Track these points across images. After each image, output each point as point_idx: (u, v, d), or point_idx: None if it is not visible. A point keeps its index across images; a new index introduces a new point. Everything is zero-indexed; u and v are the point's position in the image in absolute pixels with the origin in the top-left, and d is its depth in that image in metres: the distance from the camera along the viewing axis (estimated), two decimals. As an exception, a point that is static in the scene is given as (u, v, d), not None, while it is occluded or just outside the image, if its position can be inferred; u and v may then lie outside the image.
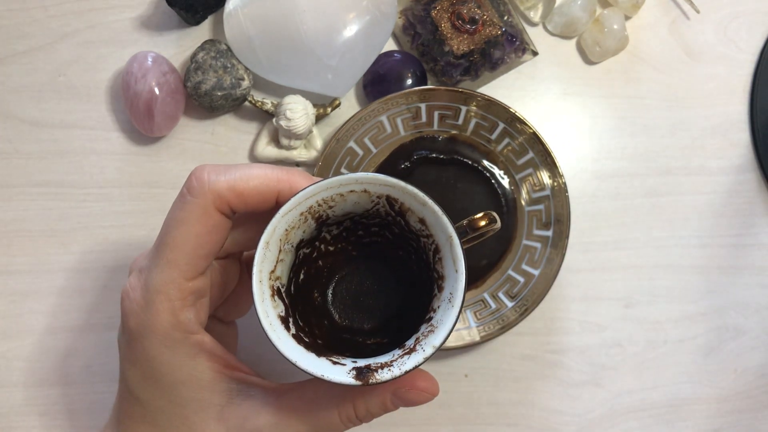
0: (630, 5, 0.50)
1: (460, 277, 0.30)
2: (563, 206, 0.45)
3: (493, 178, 0.47)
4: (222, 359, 0.32)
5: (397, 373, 0.29)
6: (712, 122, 0.50)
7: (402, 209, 0.32)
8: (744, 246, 0.49)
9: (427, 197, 0.31)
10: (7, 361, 0.45)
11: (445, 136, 0.47)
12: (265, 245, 0.30)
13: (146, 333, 0.31)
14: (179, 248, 0.31)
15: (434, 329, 0.30)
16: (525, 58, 0.50)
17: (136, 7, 0.50)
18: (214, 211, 0.31)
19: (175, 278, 0.31)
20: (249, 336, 0.42)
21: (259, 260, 0.30)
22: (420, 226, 0.32)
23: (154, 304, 0.30)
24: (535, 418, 0.46)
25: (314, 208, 0.32)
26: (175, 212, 0.31)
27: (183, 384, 0.31)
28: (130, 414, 0.33)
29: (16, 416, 0.45)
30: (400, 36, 0.50)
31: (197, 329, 0.32)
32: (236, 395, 0.32)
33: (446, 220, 0.30)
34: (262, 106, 0.47)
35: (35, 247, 0.47)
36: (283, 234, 0.31)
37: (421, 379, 0.32)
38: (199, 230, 0.31)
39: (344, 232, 0.37)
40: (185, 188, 0.31)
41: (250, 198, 0.31)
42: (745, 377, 0.47)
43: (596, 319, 0.47)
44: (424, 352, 0.29)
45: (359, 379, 0.29)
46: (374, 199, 0.32)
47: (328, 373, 0.29)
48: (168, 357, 0.31)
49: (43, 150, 0.48)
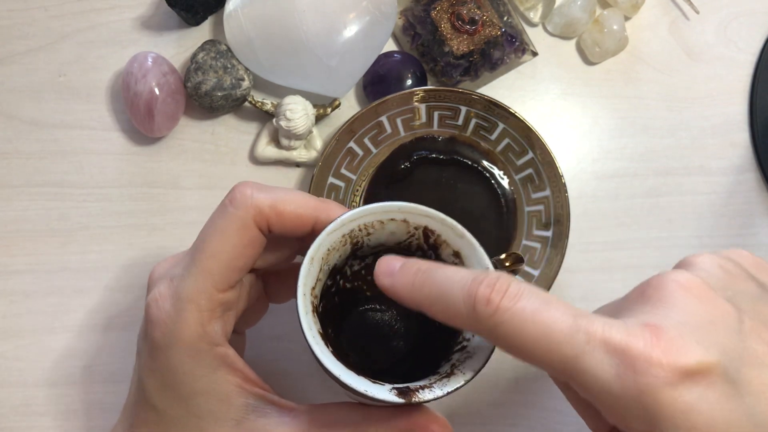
0: (630, 6, 0.50)
1: None
2: (563, 206, 0.45)
3: (493, 179, 0.47)
4: (242, 374, 0.32)
5: (439, 394, 0.28)
6: (712, 122, 0.50)
7: (437, 242, 0.32)
8: (744, 246, 0.48)
9: (465, 230, 0.31)
10: (7, 361, 0.45)
11: (445, 137, 0.47)
12: (311, 261, 0.30)
13: (172, 342, 0.31)
14: (215, 258, 0.31)
15: (471, 355, 0.30)
16: (525, 59, 0.50)
17: (136, 8, 0.50)
18: (253, 225, 0.31)
19: (208, 288, 0.31)
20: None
21: (304, 274, 0.30)
22: (454, 260, 0.32)
23: (183, 312, 0.31)
24: (535, 418, 0.46)
25: (355, 233, 0.32)
26: (215, 222, 0.32)
27: (202, 395, 0.31)
28: (145, 421, 0.32)
29: (16, 416, 0.45)
30: (400, 36, 0.50)
31: (222, 341, 0.32)
32: (252, 411, 0.31)
33: (483, 252, 0.31)
34: (262, 107, 0.47)
35: (35, 247, 0.47)
36: (325, 253, 0.31)
37: (436, 424, 0.31)
38: (236, 242, 0.31)
39: (363, 270, 0.37)
40: (227, 200, 0.32)
41: (288, 219, 0.32)
42: (745, 377, 0.47)
43: (596, 319, 0.47)
44: (464, 376, 0.29)
45: (402, 397, 0.28)
46: (411, 230, 0.33)
47: (371, 390, 0.28)
48: (190, 367, 0.31)
49: (43, 150, 0.48)
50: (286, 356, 0.46)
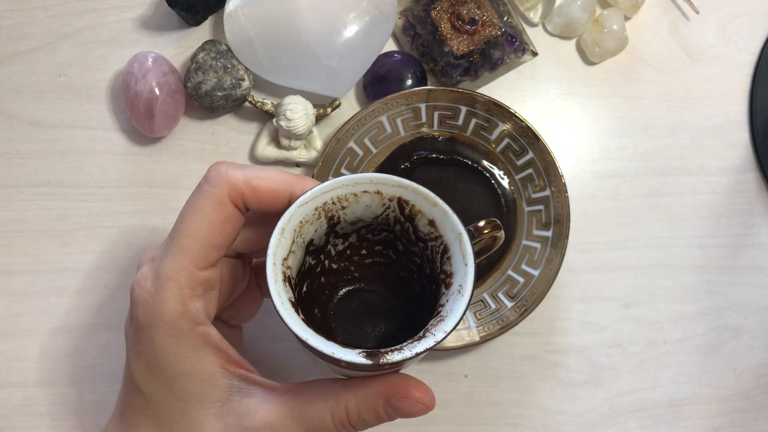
0: (629, 5, 0.50)
1: (469, 270, 0.31)
2: (563, 206, 0.45)
3: (493, 179, 0.47)
4: (226, 354, 0.32)
5: (407, 355, 0.29)
6: (711, 122, 0.50)
7: (412, 212, 0.33)
8: (744, 246, 0.49)
9: (438, 198, 0.32)
10: (7, 361, 0.45)
11: (445, 137, 0.47)
12: (281, 231, 0.31)
13: (154, 321, 0.31)
14: (193, 235, 0.31)
15: (444, 318, 0.30)
16: (525, 59, 0.50)
17: (136, 8, 0.50)
18: (228, 201, 0.32)
19: (187, 266, 0.31)
20: (249, 334, 0.43)
21: (274, 244, 0.30)
22: (429, 229, 0.33)
23: (163, 290, 0.31)
24: (535, 418, 0.46)
25: (328, 205, 0.32)
26: (191, 201, 0.32)
27: (185, 376, 0.31)
28: (134, 407, 0.33)
29: (16, 416, 0.45)
30: (400, 36, 0.50)
31: (204, 321, 0.32)
32: (236, 392, 0.32)
33: (456, 218, 0.31)
34: (263, 107, 0.47)
35: (35, 247, 0.47)
36: (297, 225, 0.32)
37: (417, 389, 0.32)
38: (213, 219, 0.31)
39: (348, 250, 0.37)
40: (203, 179, 0.32)
41: (264, 194, 0.32)
42: (744, 377, 0.47)
43: (596, 319, 0.47)
44: (435, 337, 0.29)
45: (370, 359, 0.28)
46: (386, 202, 0.33)
47: (339, 352, 0.28)
48: (173, 347, 0.31)
49: (43, 150, 0.48)
50: (286, 356, 0.46)
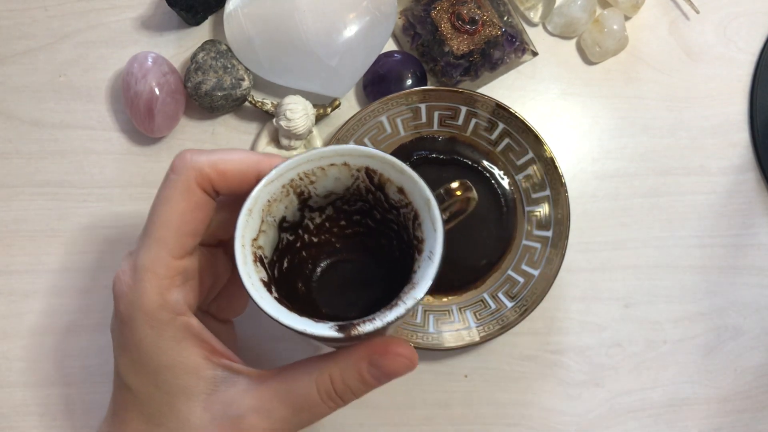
0: (630, 5, 0.50)
1: (438, 235, 0.30)
2: (563, 206, 0.45)
3: (493, 179, 0.47)
4: (209, 345, 0.32)
5: (379, 325, 0.29)
6: (711, 122, 0.50)
7: (381, 181, 0.33)
8: (744, 246, 0.49)
9: (405, 165, 0.31)
10: (7, 361, 0.45)
11: (445, 137, 0.47)
12: (248, 212, 0.31)
13: (135, 314, 0.31)
14: (165, 225, 0.31)
15: (415, 285, 0.30)
16: (525, 59, 0.50)
17: (136, 8, 0.50)
18: (196, 187, 0.32)
19: (163, 256, 0.31)
20: (249, 335, 0.42)
21: (242, 226, 0.30)
22: (399, 197, 0.33)
23: (141, 282, 0.31)
24: (535, 418, 0.46)
25: (296, 182, 0.32)
26: (160, 192, 0.32)
27: (168, 369, 0.31)
28: (122, 403, 0.33)
29: (16, 416, 0.45)
30: (400, 36, 0.50)
31: (185, 311, 0.32)
32: (221, 383, 0.32)
33: (423, 185, 0.31)
34: (262, 107, 0.47)
35: (35, 247, 0.47)
36: (265, 204, 0.32)
37: (397, 346, 0.32)
38: (183, 207, 0.31)
39: (327, 222, 0.37)
40: (169, 169, 0.32)
41: (231, 177, 0.32)
42: (744, 377, 0.47)
43: (596, 319, 0.47)
44: (405, 305, 0.29)
45: (341, 332, 0.29)
46: (354, 173, 0.33)
47: (310, 328, 0.29)
48: (154, 339, 0.31)
49: (43, 150, 0.48)
50: (286, 357, 0.46)
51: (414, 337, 0.44)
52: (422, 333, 0.44)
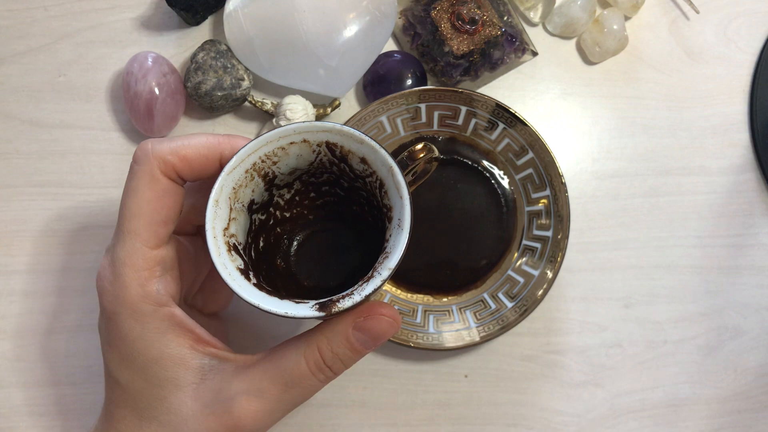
0: (630, 5, 0.50)
1: (405, 203, 0.31)
2: (563, 206, 0.45)
3: (493, 179, 0.47)
4: (194, 334, 0.32)
5: (357, 299, 0.29)
6: (711, 122, 0.50)
7: (343, 153, 0.33)
8: (744, 246, 0.49)
9: (364, 135, 0.32)
10: (7, 361, 0.45)
11: (445, 137, 0.47)
12: (215, 203, 0.31)
13: (118, 309, 0.31)
14: (135, 217, 0.32)
15: (388, 255, 0.30)
16: (525, 59, 0.50)
17: (136, 8, 0.50)
18: (161, 175, 0.32)
19: (138, 248, 0.31)
20: (249, 335, 0.42)
21: (211, 217, 0.31)
22: (363, 167, 0.33)
23: (121, 276, 0.31)
24: (535, 418, 0.46)
25: (258, 165, 0.32)
26: (126, 185, 0.32)
27: (156, 362, 0.31)
28: (115, 400, 0.33)
29: (16, 416, 0.45)
30: (400, 36, 0.50)
31: (167, 301, 0.32)
32: (209, 371, 0.32)
33: (385, 153, 0.31)
34: (262, 107, 0.47)
35: (35, 247, 0.47)
36: (231, 192, 0.32)
37: (380, 306, 0.32)
38: (150, 196, 0.32)
39: (297, 196, 0.37)
40: (132, 161, 0.32)
41: (194, 161, 0.32)
42: (744, 377, 0.47)
43: (596, 319, 0.47)
44: (381, 276, 0.30)
45: (322, 311, 0.29)
46: (315, 148, 0.33)
47: (292, 310, 0.29)
48: (139, 332, 0.31)
49: (43, 150, 0.48)
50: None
51: (414, 337, 0.44)
52: (422, 333, 0.44)
